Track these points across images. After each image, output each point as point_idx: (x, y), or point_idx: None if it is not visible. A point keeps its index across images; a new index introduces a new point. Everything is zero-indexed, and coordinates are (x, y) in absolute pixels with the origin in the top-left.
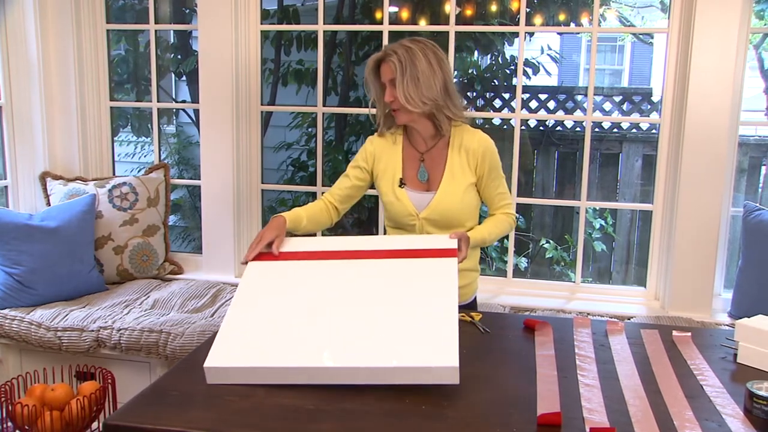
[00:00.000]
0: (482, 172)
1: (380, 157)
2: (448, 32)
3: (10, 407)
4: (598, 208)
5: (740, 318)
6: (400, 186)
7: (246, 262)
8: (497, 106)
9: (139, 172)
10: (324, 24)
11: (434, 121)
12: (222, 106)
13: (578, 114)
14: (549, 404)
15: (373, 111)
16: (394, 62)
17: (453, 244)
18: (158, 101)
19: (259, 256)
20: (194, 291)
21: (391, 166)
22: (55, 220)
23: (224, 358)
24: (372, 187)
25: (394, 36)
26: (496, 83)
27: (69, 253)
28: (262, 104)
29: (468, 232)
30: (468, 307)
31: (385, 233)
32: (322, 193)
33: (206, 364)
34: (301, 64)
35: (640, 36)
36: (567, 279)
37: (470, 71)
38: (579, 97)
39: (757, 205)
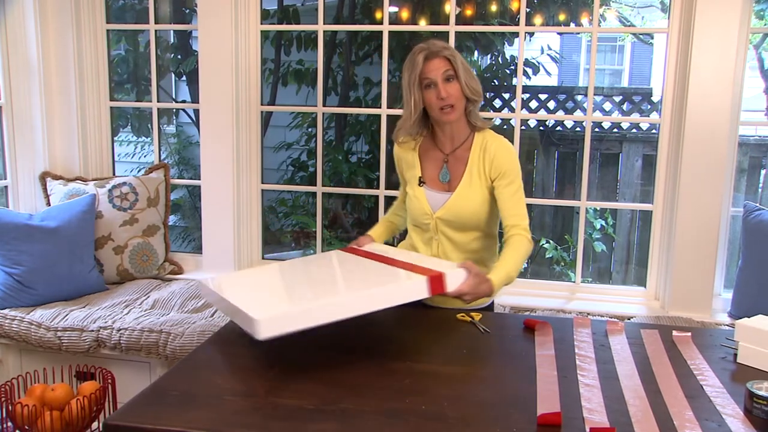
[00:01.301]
0: (494, 175)
1: (406, 159)
2: (448, 32)
3: (10, 407)
4: (598, 208)
5: (740, 318)
6: (419, 185)
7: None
8: (497, 106)
9: (139, 172)
10: (324, 24)
11: (468, 119)
12: (222, 106)
13: (578, 114)
14: (549, 404)
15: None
16: (450, 56)
17: (451, 270)
18: (158, 101)
19: (349, 249)
20: (194, 291)
21: (413, 167)
22: (55, 220)
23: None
24: None
25: (394, 36)
26: (496, 83)
27: (69, 253)
28: (262, 104)
29: (489, 275)
30: (486, 309)
31: (405, 233)
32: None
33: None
34: (301, 64)
35: (640, 36)
36: (567, 279)
37: None
38: (579, 97)
39: (757, 205)
